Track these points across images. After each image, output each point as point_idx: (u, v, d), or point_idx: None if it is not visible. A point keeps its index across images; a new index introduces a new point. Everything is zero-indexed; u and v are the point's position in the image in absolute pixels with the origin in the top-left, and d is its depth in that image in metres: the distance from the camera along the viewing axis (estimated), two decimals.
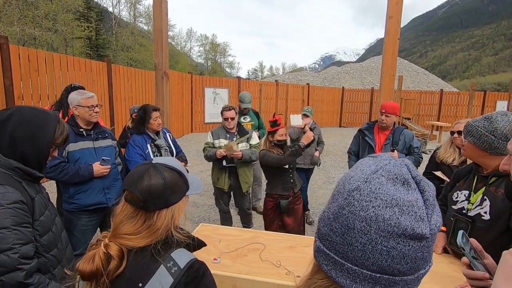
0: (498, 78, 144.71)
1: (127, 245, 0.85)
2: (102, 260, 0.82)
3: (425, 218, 0.45)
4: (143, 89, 8.51)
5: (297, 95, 13.32)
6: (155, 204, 0.87)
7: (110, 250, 0.83)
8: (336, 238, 0.48)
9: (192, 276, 0.85)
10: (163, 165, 0.93)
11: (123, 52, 31.46)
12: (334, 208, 0.49)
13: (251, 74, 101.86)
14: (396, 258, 0.44)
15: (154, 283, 0.82)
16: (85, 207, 2.27)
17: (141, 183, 0.87)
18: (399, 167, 0.48)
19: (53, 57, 5.59)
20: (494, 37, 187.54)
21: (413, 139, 2.94)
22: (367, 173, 0.48)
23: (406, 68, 24.91)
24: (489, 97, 14.45)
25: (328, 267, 0.49)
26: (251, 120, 4.40)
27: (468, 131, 1.55)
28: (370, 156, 0.54)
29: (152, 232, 0.87)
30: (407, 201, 0.45)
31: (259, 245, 1.96)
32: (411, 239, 0.44)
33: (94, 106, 2.26)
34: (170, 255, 0.86)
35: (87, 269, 0.80)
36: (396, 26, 3.37)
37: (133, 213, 0.88)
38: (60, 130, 1.33)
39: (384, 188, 0.46)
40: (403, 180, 0.47)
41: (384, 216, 0.44)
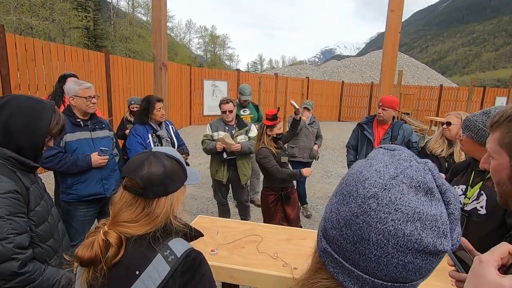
0: (498, 74, 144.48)
1: (126, 232, 0.85)
2: (100, 247, 0.82)
3: (448, 233, 0.42)
4: (141, 81, 8.44)
5: (297, 88, 13.26)
6: (155, 191, 0.88)
7: (109, 238, 0.83)
8: (346, 245, 0.44)
9: (188, 264, 0.85)
10: (163, 153, 0.94)
11: (122, 43, 31.11)
12: (346, 213, 0.44)
13: (251, 67, 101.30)
14: (411, 271, 0.42)
15: (151, 271, 0.82)
16: (83, 197, 2.26)
17: (142, 170, 0.87)
18: (422, 173, 0.43)
19: (50, 47, 5.52)
20: (495, 32, 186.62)
21: (412, 133, 2.94)
22: (386, 178, 0.43)
23: (406, 63, 24.81)
24: (488, 93, 14.45)
25: (334, 270, 0.46)
26: (250, 113, 4.38)
27: (466, 126, 1.54)
28: (385, 149, 0.49)
29: (151, 219, 0.87)
30: (430, 215, 0.41)
31: (257, 237, 1.96)
32: (430, 255, 0.42)
33: (92, 97, 2.24)
34: (167, 244, 0.86)
35: (86, 255, 0.80)
36: (397, 19, 3.34)
37: (132, 200, 0.88)
38: (56, 120, 1.32)
39: (405, 198, 0.41)
40: (427, 189, 0.42)
41: (404, 231, 0.40)
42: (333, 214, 0.47)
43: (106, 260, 0.82)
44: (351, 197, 0.45)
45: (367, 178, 0.44)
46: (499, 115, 0.70)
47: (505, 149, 0.68)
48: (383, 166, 0.45)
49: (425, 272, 0.43)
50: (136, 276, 0.82)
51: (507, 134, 0.67)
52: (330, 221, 0.48)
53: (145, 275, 0.82)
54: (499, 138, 0.69)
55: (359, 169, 0.47)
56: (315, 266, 0.51)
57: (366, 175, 0.45)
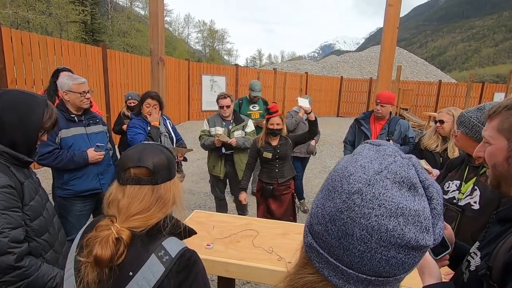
0: (497, 69, 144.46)
1: (136, 226, 0.84)
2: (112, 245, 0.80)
3: (430, 228, 0.42)
4: (139, 76, 8.40)
5: (295, 84, 13.22)
6: (162, 176, 0.89)
7: (123, 235, 0.81)
8: (331, 240, 0.45)
9: (183, 264, 0.85)
10: (154, 143, 0.97)
11: (119, 37, 30.86)
12: (331, 209, 0.45)
13: (250, 62, 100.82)
14: (395, 266, 0.43)
15: (145, 271, 0.81)
16: (80, 193, 2.27)
17: (146, 157, 0.88)
18: (406, 168, 0.43)
19: (47, 41, 5.48)
20: (495, 28, 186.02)
21: (409, 129, 2.95)
22: (370, 173, 0.43)
23: (405, 58, 24.75)
24: (487, 89, 14.45)
25: (320, 265, 0.47)
26: (259, 109, 4.37)
27: (461, 122, 1.55)
28: (371, 144, 0.50)
29: (163, 204, 0.88)
30: (413, 210, 0.41)
31: (252, 232, 1.98)
32: (413, 249, 0.42)
33: (86, 92, 2.23)
34: (161, 244, 0.85)
35: (106, 254, 0.78)
36: (395, 14, 3.32)
37: (139, 190, 0.86)
38: (49, 114, 1.32)
39: (389, 193, 0.41)
40: (410, 184, 0.43)
41: (387, 226, 0.41)
42: (318, 210, 0.48)
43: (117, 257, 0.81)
44: (336, 193, 0.45)
45: (352, 173, 0.44)
46: (496, 105, 0.77)
47: (504, 134, 0.73)
48: (368, 161, 0.45)
49: (408, 266, 0.44)
50: (129, 277, 0.81)
51: (506, 121, 0.73)
52: (316, 217, 0.48)
53: (139, 276, 0.81)
54: (497, 125, 0.75)
55: (344, 164, 0.47)
56: (302, 261, 0.52)
57: (351, 171, 0.45)
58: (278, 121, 2.82)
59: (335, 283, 0.46)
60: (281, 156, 2.86)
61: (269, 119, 2.82)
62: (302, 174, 4.48)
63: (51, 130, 1.39)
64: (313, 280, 0.48)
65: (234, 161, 3.30)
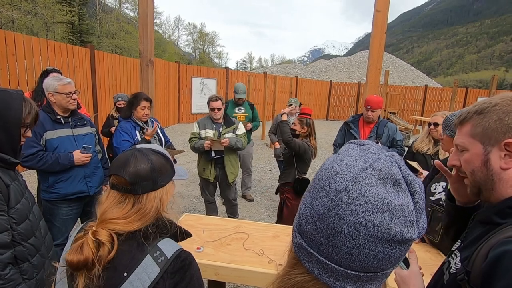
0: (480, 75, 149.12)
1: (116, 229, 0.83)
2: (91, 248, 0.79)
3: (414, 222, 0.44)
4: (128, 77, 8.29)
5: (285, 87, 13.32)
6: (143, 186, 0.86)
7: (99, 236, 0.80)
8: (320, 239, 0.46)
9: (179, 266, 0.84)
10: (148, 149, 0.93)
11: (108, 38, 30.40)
12: (319, 208, 0.46)
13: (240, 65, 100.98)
14: (382, 260, 0.44)
15: (140, 272, 0.81)
16: (66, 196, 2.21)
17: (128, 166, 0.86)
18: (389, 165, 0.45)
19: (32, 41, 5.35)
20: (478, 35, 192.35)
21: (397, 132, 3.01)
22: (356, 172, 0.44)
23: (392, 63, 25.28)
24: (470, 94, 14.88)
25: (309, 264, 0.47)
26: (245, 111, 4.35)
27: (446, 125, 1.60)
28: (355, 144, 0.51)
29: (142, 215, 0.86)
30: (397, 205, 0.43)
31: (243, 235, 1.97)
32: (399, 243, 0.44)
33: (72, 93, 2.18)
34: (157, 244, 0.85)
35: (75, 259, 0.77)
36: (383, 20, 3.39)
37: (121, 198, 0.86)
38: (28, 109, 1.28)
39: (375, 190, 0.43)
40: (394, 180, 0.44)
41: (374, 222, 0.42)
42: (307, 209, 0.48)
43: (99, 259, 0.79)
44: (324, 192, 0.46)
45: (338, 172, 0.45)
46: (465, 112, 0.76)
47: (477, 139, 0.72)
48: (353, 160, 0.46)
49: (395, 260, 0.45)
50: (124, 278, 0.80)
51: (478, 125, 0.72)
52: (304, 216, 0.48)
53: (134, 277, 0.80)
54: (470, 130, 0.74)
55: (330, 164, 0.48)
56: (291, 262, 0.52)
57: (337, 169, 0.46)
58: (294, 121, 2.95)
59: (325, 281, 0.46)
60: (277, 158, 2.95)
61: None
62: None
63: (34, 125, 1.35)
64: (303, 280, 0.48)
65: (224, 164, 3.29)
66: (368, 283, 0.46)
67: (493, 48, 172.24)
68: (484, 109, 0.72)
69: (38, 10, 22.67)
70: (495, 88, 9.75)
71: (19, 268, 1.23)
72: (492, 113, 0.70)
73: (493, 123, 0.69)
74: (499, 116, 0.69)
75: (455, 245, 0.85)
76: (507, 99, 0.69)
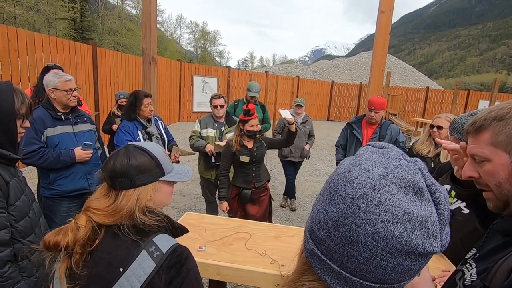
0: (481, 78, 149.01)
1: (92, 219, 0.86)
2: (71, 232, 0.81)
3: (438, 234, 0.41)
4: (129, 75, 8.28)
5: (287, 87, 13.30)
6: (120, 183, 0.88)
7: (78, 221, 0.84)
8: (334, 247, 0.43)
9: (174, 260, 0.84)
10: (135, 147, 0.94)
11: (110, 36, 30.37)
12: (334, 214, 0.43)
13: (241, 64, 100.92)
14: (400, 273, 0.42)
15: (136, 268, 0.80)
16: (67, 193, 2.20)
17: (109, 162, 0.90)
18: (412, 172, 0.42)
19: (35, 37, 5.34)
20: (480, 38, 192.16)
21: (399, 133, 3.00)
22: (375, 178, 0.41)
23: (394, 64, 25.24)
24: (472, 96, 14.87)
25: (322, 272, 0.45)
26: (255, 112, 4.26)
27: (454, 128, 1.57)
28: (373, 146, 0.48)
29: (115, 211, 0.86)
30: (420, 216, 0.40)
31: (245, 234, 1.96)
32: (420, 256, 0.41)
33: (72, 90, 2.16)
34: (152, 240, 0.85)
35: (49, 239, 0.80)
36: (387, 20, 3.38)
37: (107, 191, 0.91)
38: (20, 100, 1.26)
39: (395, 198, 0.40)
40: (417, 189, 0.41)
41: (394, 233, 0.39)
42: (320, 215, 0.46)
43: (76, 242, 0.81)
44: (340, 197, 0.43)
45: (356, 177, 0.43)
46: (481, 119, 0.69)
47: (501, 147, 0.66)
48: (372, 164, 0.43)
49: (414, 273, 0.43)
50: (119, 273, 0.80)
51: (501, 133, 0.66)
52: (317, 222, 0.46)
53: (129, 272, 0.80)
54: (491, 138, 0.68)
55: (347, 167, 0.45)
56: (302, 267, 0.50)
57: (354, 174, 0.43)
58: (257, 123, 2.73)
59: None
60: (258, 159, 2.75)
61: (247, 121, 2.69)
62: (295, 176, 4.49)
63: (30, 115, 1.33)
64: (314, 287, 0.47)
65: None
66: None
67: (495, 51, 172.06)
68: (504, 115, 0.66)
69: (41, 6, 22.65)
70: (497, 91, 9.73)
71: (18, 265, 1.22)
72: None
73: None
74: None
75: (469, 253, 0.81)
76: None
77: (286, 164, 4.37)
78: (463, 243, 1.54)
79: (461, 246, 1.52)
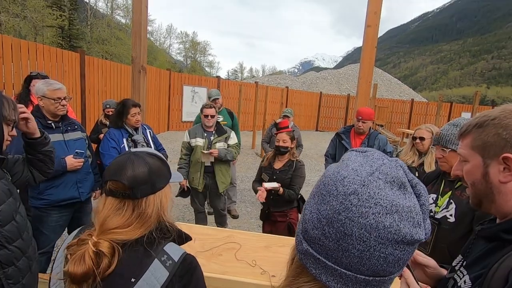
0: (463, 91, 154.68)
1: (119, 239, 0.81)
2: (92, 260, 0.77)
3: (421, 223, 0.45)
4: (118, 83, 8.20)
5: (276, 97, 13.44)
6: (142, 190, 0.84)
7: (101, 248, 0.78)
8: (329, 244, 0.45)
9: (186, 268, 0.85)
10: (143, 152, 0.92)
11: (98, 44, 30.14)
12: (327, 212, 0.46)
13: (231, 75, 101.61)
14: (391, 263, 0.45)
15: (149, 277, 0.80)
16: (57, 202, 2.14)
17: (126, 170, 0.84)
18: (395, 169, 0.46)
19: (21, 44, 5.25)
20: (461, 52, 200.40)
21: (387, 144, 3.07)
22: (363, 175, 0.45)
23: (380, 77, 25.92)
24: (455, 108, 15.39)
25: (317, 271, 0.47)
26: (223, 119, 4.10)
27: (447, 141, 1.60)
28: (357, 151, 0.52)
29: (144, 220, 0.84)
30: (406, 206, 0.44)
31: (235, 245, 1.94)
32: (408, 245, 0.44)
33: (61, 99, 2.11)
34: (163, 248, 0.85)
35: (79, 270, 0.75)
36: (373, 34, 3.49)
37: (119, 204, 0.84)
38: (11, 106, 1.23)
39: (383, 192, 0.44)
40: (400, 183, 0.45)
41: (384, 223, 0.43)
42: (313, 215, 0.48)
43: (100, 272, 0.77)
44: (331, 196, 0.46)
45: (346, 176, 0.46)
46: (467, 124, 0.78)
47: (477, 151, 0.74)
48: (359, 165, 0.47)
49: (402, 263, 0.46)
50: (132, 283, 0.79)
51: (478, 138, 0.73)
52: (311, 222, 0.48)
53: (142, 282, 0.79)
54: (470, 143, 0.75)
55: (336, 169, 0.49)
56: (295, 271, 0.51)
57: (344, 174, 0.46)
58: (285, 138, 2.50)
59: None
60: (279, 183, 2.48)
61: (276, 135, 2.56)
62: None
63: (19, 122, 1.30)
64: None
65: (215, 173, 3.25)
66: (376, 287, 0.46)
67: (475, 66, 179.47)
68: (483, 122, 0.73)
69: (27, 14, 22.36)
70: (478, 104, 10.12)
71: (4, 272, 1.16)
72: (490, 127, 0.71)
73: (491, 137, 0.70)
74: (497, 130, 0.70)
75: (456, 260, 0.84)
76: (506, 112, 0.70)
77: None
78: (450, 250, 1.56)
79: (448, 254, 1.55)
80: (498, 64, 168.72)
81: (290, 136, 2.57)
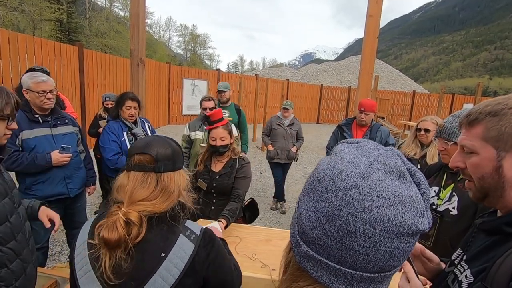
0: (465, 82, 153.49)
1: (146, 211, 0.88)
2: (123, 228, 0.84)
3: (424, 212, 0.43)
4: (117, 77, 8.14)
5: (277, 90, 13.36)
6: (166, 165, 0.92)
7: (131, 217, 0.85)
8: (331, 243, 0.43)
9: (207, 239, 0.96)
10: (166, 136, 1.02)
11: (97, 38, 29.88)
12: (327, 209, 0.43)
13: (231, 68, 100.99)
14: (397, 257, 0.43)
15: (178, 250, 0.89)
16: (44, 198, 2.11)
17: (153, 147, 0.93)
18: (393, 158, 0.44)
19: (18, 38, 5.20)
20: (463, 43, 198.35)
21: (389, 136, 3.04)
22: (362, 167, 0.42)
23: (382, 69, 25.71)
24: (456, 100, 15.27)
25: (319, 273, 0.44)
26: (230, 115, 3.87)
27: (451, 133, 1.55)
28: (349, 143, 0.49)
29: (167, 195, 0.92)
30: (408, 196, 0.42)
31: (235, 238, 1.93)
32: (412, 236, 0.43)
33: (47, 92, 2.04)
34: (185, 225, 0.95)
35: (113, 237, 0.82)
36: (375, 24, 3.43)
37: (143, 177, 0.91)
38: (5, 99, 1.20)
39: (384, 184, 0.41)
40: (400, 173, 0.43)
41: (389, 216, 0.40)
42: (310, 214, 0.45)
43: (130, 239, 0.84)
44: (330, 192, 0.43)
45: (343, 170, 0.43)
46: (476, 112, 0.70)
47: (491, 143, 0.67)
48: (354, 157, 0.44)
49: (406, 255, 0.45)
50: (162, 258, 0.87)
51: (492, 128, 0.66)
52: (308, 222, 0.45)
53: (172, 255, 0.88)
54: (482, 133, 0.68)
55: (329, 163, 0.45)
56: (294, 274, 0.48)
57: (340, 168, 0.43)
58: (223, 134, 1.97)
59: None
60: (219, 190, 2.01)
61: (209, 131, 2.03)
62: (283, 179, 4.48)
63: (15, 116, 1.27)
64: None
65: None
66: (380, 284, 0.45)
67: (478, 56, 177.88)
68: (499, 110, 0.66)
69: (25, 7, 22.15)
70: (480, 95, 10.03)
71: None
72: (509, 116, 0.64)
73: (510, 128, 0.64)
74: None
75: (455, 254, 0.81)
76: None
77: (274, 166, 4.37)
78: (452, 244, 1.55)
79: (450, 247, 1.54)
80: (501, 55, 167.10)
81: (228, 130, 2.03)
